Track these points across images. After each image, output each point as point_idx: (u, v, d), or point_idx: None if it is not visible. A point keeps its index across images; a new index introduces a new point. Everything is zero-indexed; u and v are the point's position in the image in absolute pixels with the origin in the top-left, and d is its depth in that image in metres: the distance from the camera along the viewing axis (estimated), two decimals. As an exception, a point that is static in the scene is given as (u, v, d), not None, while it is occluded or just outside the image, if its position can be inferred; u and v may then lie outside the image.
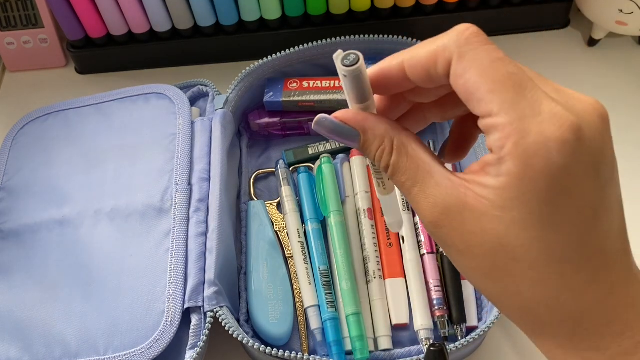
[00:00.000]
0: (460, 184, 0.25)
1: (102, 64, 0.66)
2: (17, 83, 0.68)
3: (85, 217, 0.50)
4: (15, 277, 0.48)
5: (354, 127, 0.28)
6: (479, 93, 0.24)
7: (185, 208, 0.49)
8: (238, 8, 0.61)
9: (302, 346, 0.47)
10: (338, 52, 0.26)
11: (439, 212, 0.26)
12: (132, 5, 0.60)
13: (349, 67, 0.26)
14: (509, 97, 0.24)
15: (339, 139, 0.28)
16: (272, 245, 0.50)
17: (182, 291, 0.45)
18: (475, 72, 0.24)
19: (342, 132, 0.28)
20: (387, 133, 0.27)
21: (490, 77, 0.24)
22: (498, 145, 0.24)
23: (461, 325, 0.46)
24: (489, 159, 0.25)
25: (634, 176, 0.54)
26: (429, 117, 0.31)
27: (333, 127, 0.28)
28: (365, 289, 0.49)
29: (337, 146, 0.56)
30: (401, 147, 0.27)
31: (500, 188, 0.24)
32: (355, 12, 0.62)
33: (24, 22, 0.65)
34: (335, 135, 0.28)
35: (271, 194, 0.55)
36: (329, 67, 0.57)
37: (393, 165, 0.27)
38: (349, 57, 0.26)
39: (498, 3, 0.63)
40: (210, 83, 0.57)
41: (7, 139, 0.56)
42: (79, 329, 0.45)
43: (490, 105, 0.24)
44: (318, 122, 0.28)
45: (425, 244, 0.49)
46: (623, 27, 0.60)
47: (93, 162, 0.53)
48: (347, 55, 0.26)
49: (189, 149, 0.52)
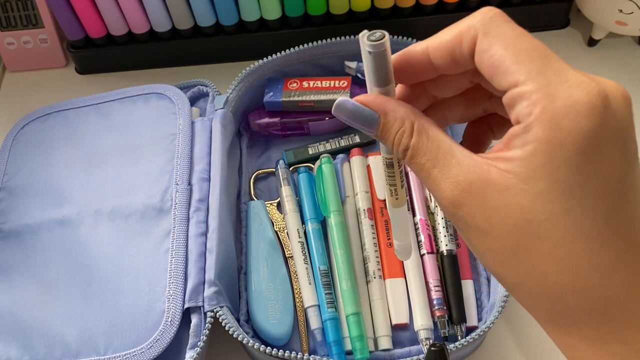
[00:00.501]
0: (482, 162, 0.25)
1: (102, 64, 0.66)
2: (17, 83, 0.68)
3: (86, 217, 0.50)
4: (15, 277, 0.48)
5: (374, 110, 0.27)
6: (504, 65, 0.24)
7: (185, 208, 0.49)
8: (238, 8, 0.61)
9: (302, 346, 0.47)
10: (363, 31, 0.26)
11: (461, 190, 0.25)
12: (132, 5, 0.60)
13: (375, 42, 0.25)
14: (535, 66, 0.24)
15: (358, 124, 0.28)
16: (272, 245, 0.50)
17: (182, 291, 0.45)
18: (501, 45, 0.24)
19: (362, 114, 0.27)
20: (407, 116, 0.27)
21: (515, 49, 0.24)
22: (525, 113, 0.24)
23: (461, 325, 0.46)
24: (514, 131, 0.24)
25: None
26: (448, 116, 0.31)
27: (353, 109, 0.27)
28: (365, 289, 0.49)
29: (337, 146, 0.56)
30: (421, 129, 0.27)
31: (527, 157, 0.24)
32: (355, 12, 0.62)
33: (24, 22, 0.65)
34: (354, 119, 0.28)
35: (271, 194, 0.55)
36: (329, 67, 0.57)
37: (413, 146, 0.27)
38: (375, 34, 0.26)
39: (498, 3, 0.63)
40: (210, 83, 0.57)
41: (7, 139, 0.56)
42: (79, 328, 0.45)
43: (516, 75, 0.24)
44: (338, 104, 0.28)
45: (425, 244, 0.49)
46: (623, 27, 0.60)
47: (93, 162, 0.53)
48: (373, 32, 0.26)
49: (189, 149, 0.52)
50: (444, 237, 0.49)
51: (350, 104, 0.28)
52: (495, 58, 0.25)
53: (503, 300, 0.44)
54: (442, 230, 0.49)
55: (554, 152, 0.23)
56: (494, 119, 0.31)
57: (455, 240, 0.50)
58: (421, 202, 0.51)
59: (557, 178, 0.23)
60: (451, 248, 0.49)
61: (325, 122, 0.56)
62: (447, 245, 0.49)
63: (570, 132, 0.23)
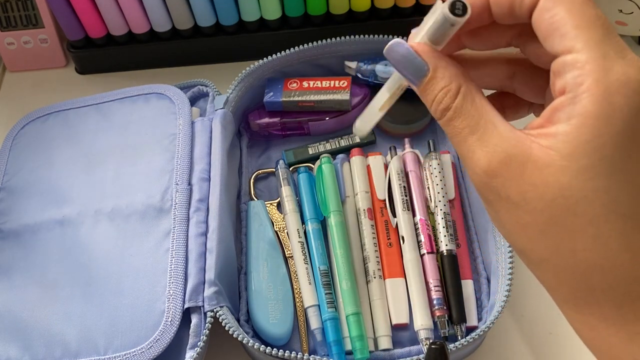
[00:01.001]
0: (525, 137, 0.25)
1: (102, 64, 0.66)
2: (17, 83, 0.68)
3: (86, 217, 0.50)
4: (15, 277, 0.48)
5: (425, 61, 0.27)
6: (564, 28, 0.24)
7: (185, 208, 0.49)
8: (238, 8, 0.61)
9: (302, 346, 0.47)
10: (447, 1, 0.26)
11: (499, 161, 0.25)
12: (132, 5, 0.60)
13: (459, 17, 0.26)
14: (596, 35, 0.23)
15: (406, 71, 0.27)
16: (272, 245, 0.50)
17: (182, 291, 0.45)
18: (565, 7, 0.24)
19: (413, 62, 0.27)
20: (456, 76, 0.27)
21: (579, 14, 0.24)
22: (575, 83, 0.23)
23: (461, 325, 0.46)
24: (559, 102, 0.24)
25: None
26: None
27: (406, 53, 0.27)
28: (365, 288, 0.49)
29: (337, 146, 0.56)
30: (467, 92, 0.26)
31: (572, 132, 0.23)
32: (355, 12, 0.62)
33: (24, 22, 0.65)
34: (403, 65, 0.27)
35: (271, 194, 0.55)
36: (329, 67, 0.57)
37: (456, 107, 0.26)
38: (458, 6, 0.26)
39: (498, 3, 0.63)
40: (210, 83, 0.57)
41: (7, 139, 0.56)
42: (79, 328, 0.45)
43: (574, 41, 0.24)
44: (391, 46, 0.27)
45: (425, 243, 0.49)
46: (623, 27, 0.60)
47: (93, 162, 0.53)
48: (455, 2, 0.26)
49: (189, 149, 0.52)
50: (444, 237, 0.49)
51: (404, 48, 0.27)
52: (557, 19, 0.24)
53: (503, 300, 0.44)
54: (442, 230, 0.49)
55: (602, 127, 0.23)
56: (508, 100, 0.31)
57: (455, 240, 0.50)
58: (421, 202, 0.51)
59: (601, 155, 0.23)
60: (451, 248, 0.49)
61: (325, 122, 0.56)
62: (447, 245, 0.49)
63: (622, 108, 0.23)
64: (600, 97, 0.23)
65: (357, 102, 0.56)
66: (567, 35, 0.24)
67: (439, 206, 0.50)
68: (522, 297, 0.49)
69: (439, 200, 0.50)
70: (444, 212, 0.50)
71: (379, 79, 0.55)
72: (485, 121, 0.26)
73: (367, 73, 0.55)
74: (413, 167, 0.52)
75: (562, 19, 0.24)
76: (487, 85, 0.31)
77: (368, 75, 0.55)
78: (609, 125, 0.23)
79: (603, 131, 0.23)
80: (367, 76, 0.55)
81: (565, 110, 0.24)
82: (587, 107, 0.23)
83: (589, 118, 0.23)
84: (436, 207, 0.50)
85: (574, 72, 0.23)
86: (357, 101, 0.56)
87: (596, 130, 0.23)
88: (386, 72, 0.55)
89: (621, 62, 0.23)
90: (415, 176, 0.52)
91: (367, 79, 0.56)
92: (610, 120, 0.23)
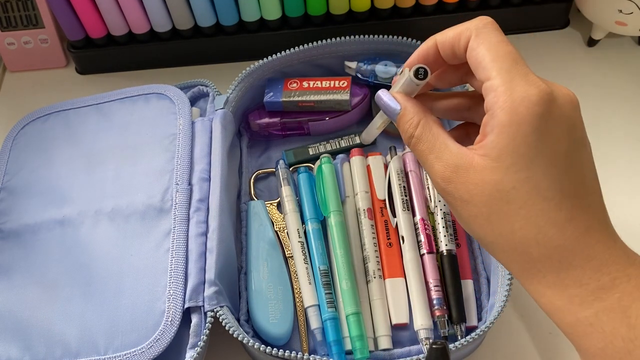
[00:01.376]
0: (468, 151, 0.32)
1: (102, 64, 0.66)
2: (17, 83, 0.68)
3: (86, 217, 0.50)
4: (16, 277, 0.48)
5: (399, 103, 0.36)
6: (484, 62, 0.32)
7: (186, 208, 0.49)
8: (238, 8, 0.62)
9: (302, 346, 0.47)
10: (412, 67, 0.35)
11: (451, 170, 0.32)
12: (133, 5, 0.60)
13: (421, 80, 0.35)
14: (505, 66, 0.31)
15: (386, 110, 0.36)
16: (272, 245, 0.50)
17: (183, 291, 0.45)
18: (485, 47, 0.32)
19: (390, 104, 0.36)
20: (418, 113, 0.35)
21: (494, 51, 0.32)
22: (493, 102, 0.31)
23: (461, 325, 0.46)
24: (485, 119, 0.31)
25: (634, 174, 0.55)
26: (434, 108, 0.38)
27: (387, 99, 0.36)
28: (365, 288, 0.49)
29: (337, 146, 0.56)
30: (426, 124, 0.34)
31: (495, 140, 0.30)
32: (355, 13, 0.62)
33: (24, 22, 0.65)
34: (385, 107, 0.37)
35: (271, 194, 0.55)
36: (329, 67, 0.57)
37: (417, 135, 0.34)
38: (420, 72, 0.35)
39: (498, 3, 0.63)
40: (210, 83, 0.57)
41: (7, 139, 0.56)
42: (79, 328, 0.45)
43: (491, 71, 0.31)
44: (378, 93, 0.37)
45: (425, 243, 0.49)
46: (622, 27, 0.60)
47: (93, 162, 0.53)
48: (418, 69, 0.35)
49: (189, 149, 0.52)
50: (444, 237, 0.49)
51: (386, 95, 0.37)
52: (479, 55, 0.32)
53: (503, 300, 0.44)
54: (442, 230, 0.49)
55: (514, 132, 0.30)
56: (471, 128, 0.38)
57: (455, 240, 0.50)
58: (421, 202, 0.51)
59: (519, 153, 0.30)
60: (451, 248, 0.49)
61: (325, 122, 0.56)
62: (447, 245, 0.49)
63: (525, 115, 0.30)
64: (509, 109, 0.30)
65: (357, 102, 0.56)
66: (486, 67, 0.31)
67: (438, 206, 0.50)
68: (522, 297, 0.49)
69: (438, 200, 0.50)
70: (444, 212, 0.50)
71: (379, 79, 0.55)
72: (440, 143, 0.33)
73: (367, 73, 0.55)
74: (413, 167, 0.52)
75: (483, 55, 0.32)
76: (452, 117, 0.39)
77: (368, 75, 0.55)
78: (519, 130, 0.30)
79: (516, 135, 0.30)
80: (367, 76, 0.55)
81: (489, 124, 0.31)
82: (501, 118, 0.30)
83: (504, 127, 0.30)
84: (436, 207, 0.50)
85: (491, 94, 0.31)
86: (357, 101, 0.56)
87: (511, 135, 0.30)
88: (386, 72, 0.55)
89: (523, 83, 0.30)
90: (415, 176, 0.52)
91: (367, 79, 0.56)
92: (519, 127, 0.30)
